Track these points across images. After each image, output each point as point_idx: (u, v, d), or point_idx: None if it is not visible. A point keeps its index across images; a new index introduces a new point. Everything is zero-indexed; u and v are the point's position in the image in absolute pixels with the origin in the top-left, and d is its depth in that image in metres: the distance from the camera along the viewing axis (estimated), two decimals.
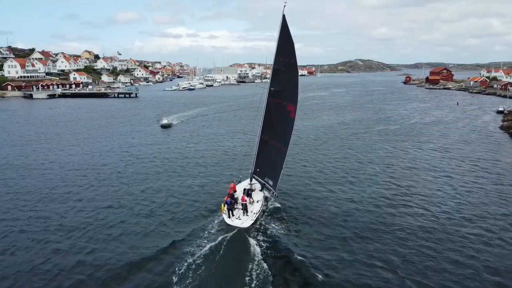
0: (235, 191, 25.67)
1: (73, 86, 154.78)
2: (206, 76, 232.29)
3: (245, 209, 23.81)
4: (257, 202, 25.59)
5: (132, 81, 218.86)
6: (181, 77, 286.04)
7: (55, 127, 65.49)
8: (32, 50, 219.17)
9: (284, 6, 24.45)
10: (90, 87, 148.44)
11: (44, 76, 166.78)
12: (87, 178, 34.76)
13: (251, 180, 28.65)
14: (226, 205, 23.48)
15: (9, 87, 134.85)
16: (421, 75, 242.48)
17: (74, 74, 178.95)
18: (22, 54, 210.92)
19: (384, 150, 45.98)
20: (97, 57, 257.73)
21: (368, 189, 31.65)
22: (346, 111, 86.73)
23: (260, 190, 27.85)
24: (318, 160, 41.92)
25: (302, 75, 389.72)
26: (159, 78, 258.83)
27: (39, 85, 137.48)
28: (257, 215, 23.77)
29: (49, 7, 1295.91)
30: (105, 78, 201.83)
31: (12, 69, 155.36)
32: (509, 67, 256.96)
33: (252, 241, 21.68)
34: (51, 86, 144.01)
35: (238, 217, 23.34)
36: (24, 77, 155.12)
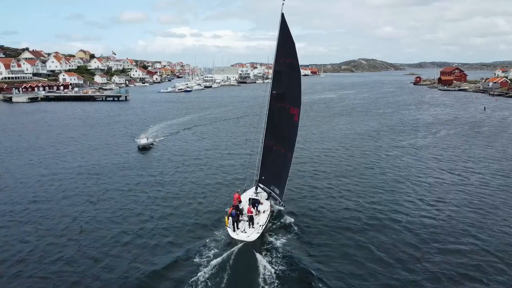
0: (240, 201, 24.17)
1: (61, 87, 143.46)
2: (205, 77, 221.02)
3: (251, 221, 22.32)
4: (263, 212, 24.01)
5: (127, 82, 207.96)
6: (181, 77, 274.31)
7: (16, 139, 54.19)
8: (25, 50, 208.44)
9: (283, 4, 23.25)
10: (76, 89, 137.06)
11: (30, 77, 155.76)
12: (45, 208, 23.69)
13: (256, 189, 27.07)
14: (231, 217, 21.84)
15: None
16: (431, 75, 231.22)
17: (64, 75, 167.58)
18: (13, 54, 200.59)
19: (425, 178, 34.58)
20: (92, 56, 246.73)
21: (402, 223, 25.09)
22: (363, 117, 75.13)
23: (267, 199, 26.24)
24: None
25: (305, 75, 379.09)
26: (156, 79, 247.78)
27: (22, 87, 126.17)
28: (263, 227, 22.24)
29: (55, 7, 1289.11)
30: (98, 79, 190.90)
31: None
32: None
33: (259, 256, 20.32)
34: (36, 88, 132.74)
35: (244, 230, 21.81)
36: (9, 78, 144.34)
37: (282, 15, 23.05)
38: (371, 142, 51.09)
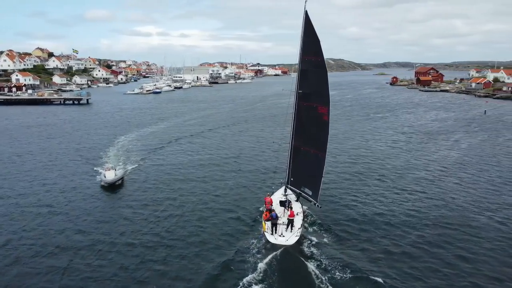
0: (271, 204, 23.61)
1: (13, 89, 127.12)
2: (174, 77, 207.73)
3: (290, 224, 21.83)
4: (297, 214, 23.03)
5: (89, 82, 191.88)
6: (148, 77, 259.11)
7: None
8: None
9: (306, 1, 23.10)
10: (30, 91, 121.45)
11: None
12: None
13: (285, 191, 26.45)
14: (271, 219, 21.43)
15: None
16: (402, 75, 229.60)
17: (17, 75, 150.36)
18: None
19: (496, 212, 25.78)
20: (51, 55, 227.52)
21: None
22: (366, 123, 66.48)
23: (296, 201, 25.56)
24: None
25: (276, 75, 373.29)
26: (121, 79, 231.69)
27: None
28: (300, 229, 21.70)
29: (14, 4, 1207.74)
30: (57, 79, 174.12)
31: None
32: (476, 67, 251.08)
33: (301, 260, 20.00)
34: None
35: (281, 234, 21.28)
36: None
37: (306, 12, 22.80)
38: (396, 155, 42.26)
